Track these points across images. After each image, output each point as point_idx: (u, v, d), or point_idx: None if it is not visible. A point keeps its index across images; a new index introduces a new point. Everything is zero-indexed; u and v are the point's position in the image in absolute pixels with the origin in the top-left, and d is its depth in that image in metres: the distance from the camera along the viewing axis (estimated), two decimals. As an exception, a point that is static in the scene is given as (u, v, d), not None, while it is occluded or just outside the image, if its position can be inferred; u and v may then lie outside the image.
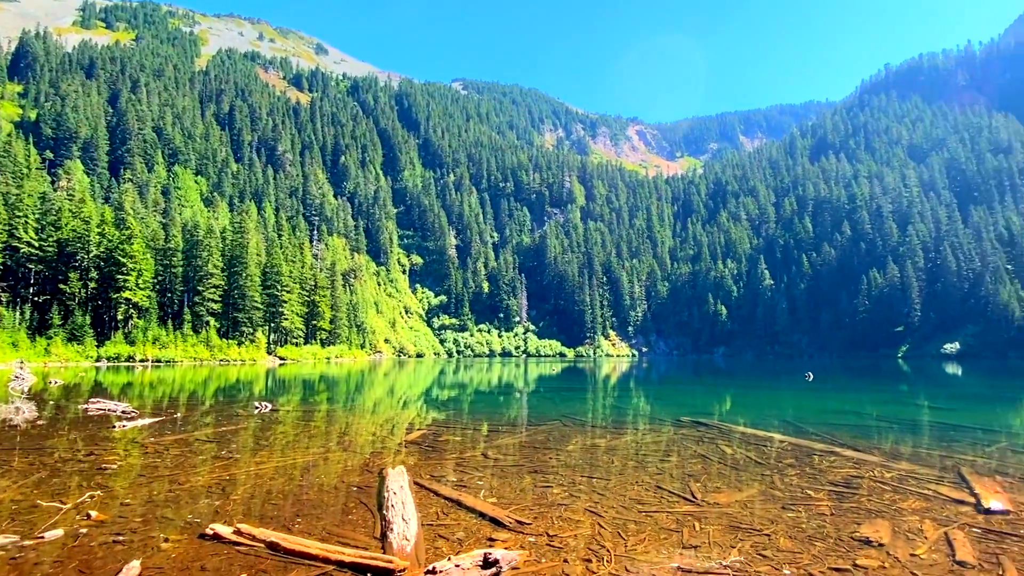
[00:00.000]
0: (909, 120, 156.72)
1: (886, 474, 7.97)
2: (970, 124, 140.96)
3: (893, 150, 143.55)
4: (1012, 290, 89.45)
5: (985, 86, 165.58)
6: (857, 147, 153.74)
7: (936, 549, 4.91)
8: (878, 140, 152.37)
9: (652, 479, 7.68)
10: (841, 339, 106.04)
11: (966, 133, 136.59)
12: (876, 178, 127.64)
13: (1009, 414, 18.08)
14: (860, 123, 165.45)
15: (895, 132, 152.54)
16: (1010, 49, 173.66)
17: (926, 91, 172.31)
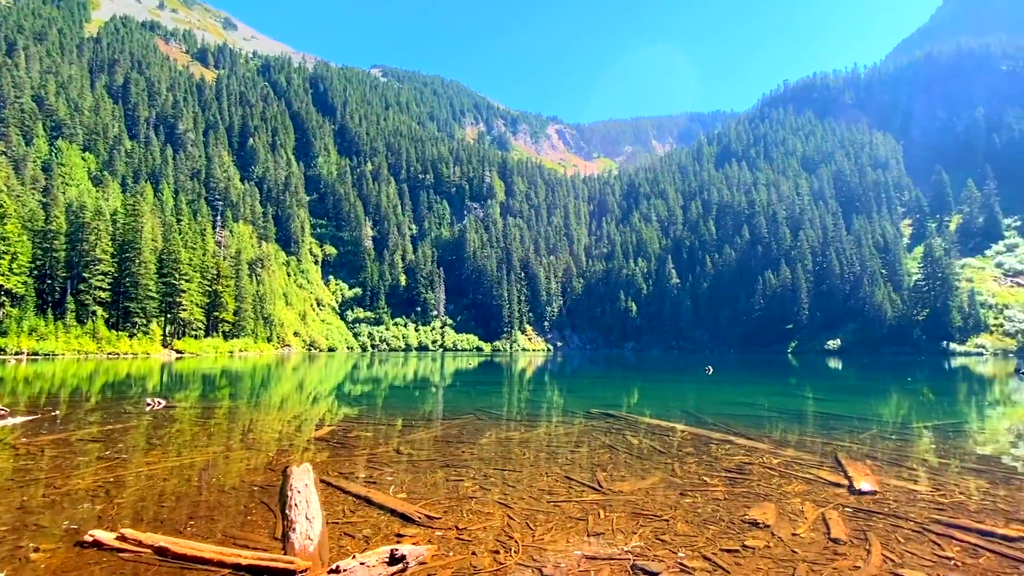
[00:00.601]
0: (803, 133, 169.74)
1: (774, 460, 8.63)
2: (854, 140, 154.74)
3: (788, 160, 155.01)
4: (885, 292, 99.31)
5: (868, 106, 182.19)
6: (757, 156, 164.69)
7: (814, 528, 5.38)
8: (776, 150, 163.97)
9: (562, 470, 7.89)
10: (739, 335, 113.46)
11: (851, 148, 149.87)
12: (773, 186, 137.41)
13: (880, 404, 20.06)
14: (761, 134, 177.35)
15: (791, 144, 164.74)
16: (889, 74, 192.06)
17: (818, 107, 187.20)
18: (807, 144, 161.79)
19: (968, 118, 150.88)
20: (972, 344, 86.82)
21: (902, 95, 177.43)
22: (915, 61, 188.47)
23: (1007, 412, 18.36)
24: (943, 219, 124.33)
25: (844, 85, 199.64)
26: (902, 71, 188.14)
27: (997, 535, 5.07)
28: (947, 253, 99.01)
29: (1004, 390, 26.55)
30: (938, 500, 6.36)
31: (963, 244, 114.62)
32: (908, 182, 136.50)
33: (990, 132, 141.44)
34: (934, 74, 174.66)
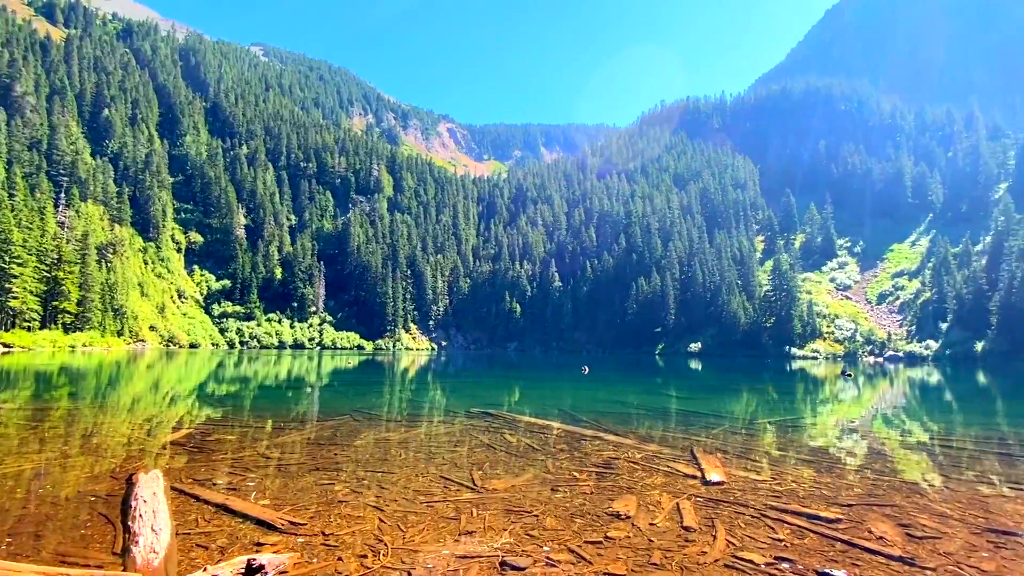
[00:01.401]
0: (676, 152, 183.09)
1: (638, 455, 9.19)
2: (719, 161, 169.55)
3: (662, 176, 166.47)
4: (740, 301, 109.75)
5: (732, 131, 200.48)
6: (635, 170, 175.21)
7: (669, 517, 5.79)
8: (652, 166, 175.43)
9: (438, 470, 7.85)
10: (614, 337, 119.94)
11: (716, 168, 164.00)
12: (648, 199, 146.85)
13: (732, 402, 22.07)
14: (639, 149, 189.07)
15: (665, 160, 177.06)
16: (751, 104, 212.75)
17: (690, 129, 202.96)
18: (679, 162, 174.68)
19: (813, 149, 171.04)
20: (809, 349, 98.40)
21: (761, 124, 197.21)
22: (772, 94, 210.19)
23: (834, 409, 20.98)
24: (790, 237, 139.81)
25: (712, 110, 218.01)
26: (761, 102, 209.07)
27: (820, 518, 5.77)
28: (792, 268, 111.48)
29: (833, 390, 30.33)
30: (775, 488, 7.12)
31: (805, 260, 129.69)
32: (762, 202, 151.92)
33: (830, 162, 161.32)
34: (787, 107, 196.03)
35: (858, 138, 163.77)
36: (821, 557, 4.72)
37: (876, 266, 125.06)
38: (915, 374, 47.14)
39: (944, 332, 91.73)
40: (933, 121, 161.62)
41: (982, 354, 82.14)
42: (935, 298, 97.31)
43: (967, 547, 5.03)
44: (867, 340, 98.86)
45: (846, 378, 39.57)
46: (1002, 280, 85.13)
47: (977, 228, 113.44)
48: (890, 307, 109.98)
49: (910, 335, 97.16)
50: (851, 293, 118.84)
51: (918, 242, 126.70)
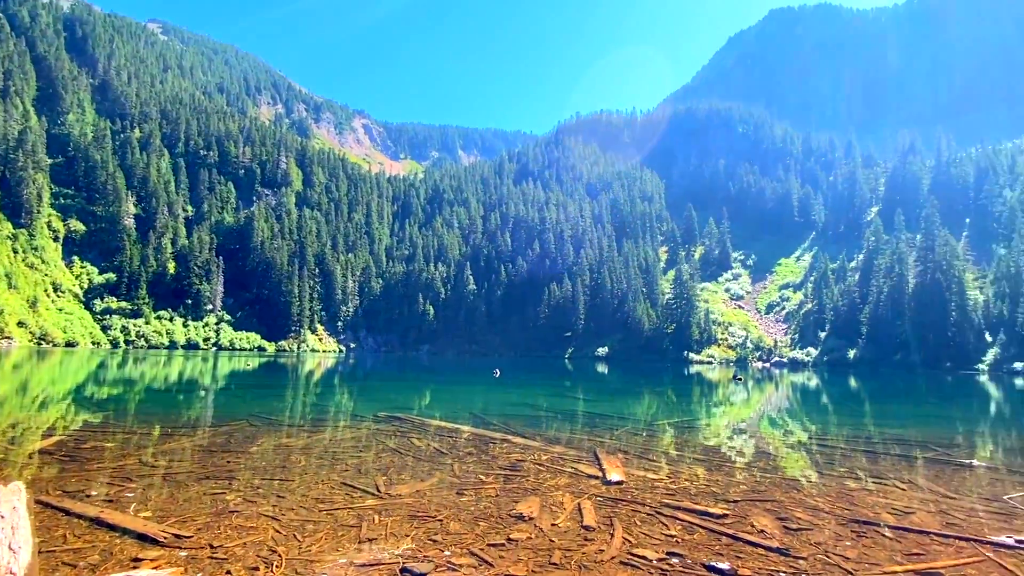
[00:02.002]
0: (589, 162, 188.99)
1: (543, 457, 9.37)
2: (629, 174, 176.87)
3: (576, 185, 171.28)
4: (645, 308, 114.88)
5: (642, 146, 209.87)
6: (551, 178, 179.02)
7: (571, 517, 5.94)
8: (566, 174, 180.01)
9: (341, 477, 7.61)
10: (526, 341, 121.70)
11: (626, 181, 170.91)
12: (562, 207, 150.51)
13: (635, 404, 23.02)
14: (555, 158, 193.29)
15: (579, 170, 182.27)
16: (659, 120, 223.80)
17: (603, 140, 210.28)
18: (592, 172, 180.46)
19: (713, 167, 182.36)
20: (705, 354, 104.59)
21: (668, 140, 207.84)
22: (679, 113, 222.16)
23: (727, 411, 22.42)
24: (691, 249, 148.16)
25: (623, 125, 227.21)
26: (669, 120, 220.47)
27: (709, 514, 6.14)
28: (692, 278, 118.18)
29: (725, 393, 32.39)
30: (670, 487, 7.50)
31: (704, 271, 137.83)
32: (667, 215, 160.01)
33: (728, 180, 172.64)
34: (692, 127, 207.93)
35: (753, 159, 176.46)
36: (708, 551, 5.02)
37: (766, 278, 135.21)
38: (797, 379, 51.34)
39: (823, 340, 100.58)
40: (818, 147, 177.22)
41: (854, 361, 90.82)
42: (815, 309, 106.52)
43: (835, 537, 5.54)
44: (756, 347, 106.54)
45: (737, 382, 42.43)
46: (871, 294, 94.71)
47: (852, 247, 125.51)
48: (777, 316, 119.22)
49: (794, 343, 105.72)
50: (743, 303, 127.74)
51: (802, 257, 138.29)
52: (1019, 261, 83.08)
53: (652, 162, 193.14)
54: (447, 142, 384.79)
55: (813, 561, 4.84)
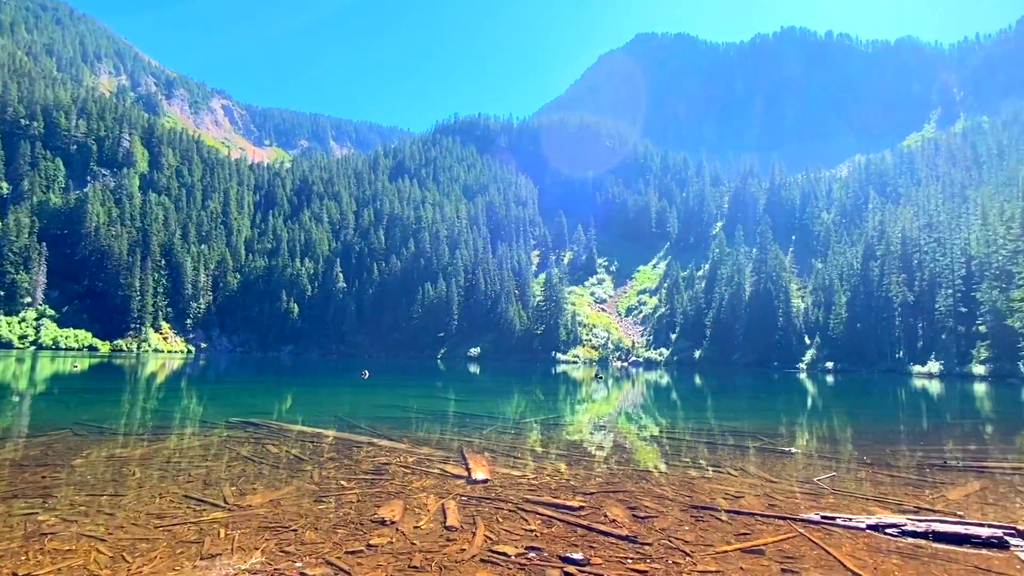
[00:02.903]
0: (466, 164, 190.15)
1: (410, 459, 9.23)
2: (505, 178, 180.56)
3: (452, 186, 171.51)
4: (516, 309, 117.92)
5: (517, 151, 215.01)
6: (427, 177, 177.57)
7: (434, 519, 5.90)
8: (443, 175, 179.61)
9: (181, 489, 6.92)
10: (399, 341, 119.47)
11: (502, 184, 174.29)
12: (438, 206, 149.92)
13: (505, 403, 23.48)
14: (432, 157, 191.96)
15: (456, 171, 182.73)
16: (534, 129, 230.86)
17: (480, 144, 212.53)
18: (469, 174, 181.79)
19: (583, 176, 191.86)
20: (571, 354, 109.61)
21: (542, 148, 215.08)
22: (553, 123, 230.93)
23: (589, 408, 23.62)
24: (560, 253, 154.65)
25: (501, 130, 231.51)
26: (543, 129, 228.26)
27: (567, 507, 6.41)
28: (561, 281, 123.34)
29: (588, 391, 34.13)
30: (532, 482, 7.73)
31: (572, 275, 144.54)
32: (540, 220, 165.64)
33: (595, 190, 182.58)
34: (564, 137, 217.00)
35: (618, 172, 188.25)
36: (564, 543, 5.23)
37: (627, 284, 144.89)
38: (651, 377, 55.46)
39: (674, 341, 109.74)
40: (674, 165, 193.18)
41: (699, 360, 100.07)
42: (668, 313, 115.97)
43: (676, 522, 6.03)
44: (617, 347, 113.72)
45: (598, 380, 44.93)
46: (715, 300, 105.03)
47: (701, 257, 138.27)
48: (635, 319, 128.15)
49: (649, 343, 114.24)
50: (606, 306, 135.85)
51: (658, 265, 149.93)
52: (832, 275, 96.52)
53: (527, 168, 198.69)
54: (318, 131, 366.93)
55: (657, 546, 5.23)
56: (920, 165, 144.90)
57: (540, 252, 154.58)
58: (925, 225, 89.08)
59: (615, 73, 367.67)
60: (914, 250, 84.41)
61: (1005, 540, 5.38)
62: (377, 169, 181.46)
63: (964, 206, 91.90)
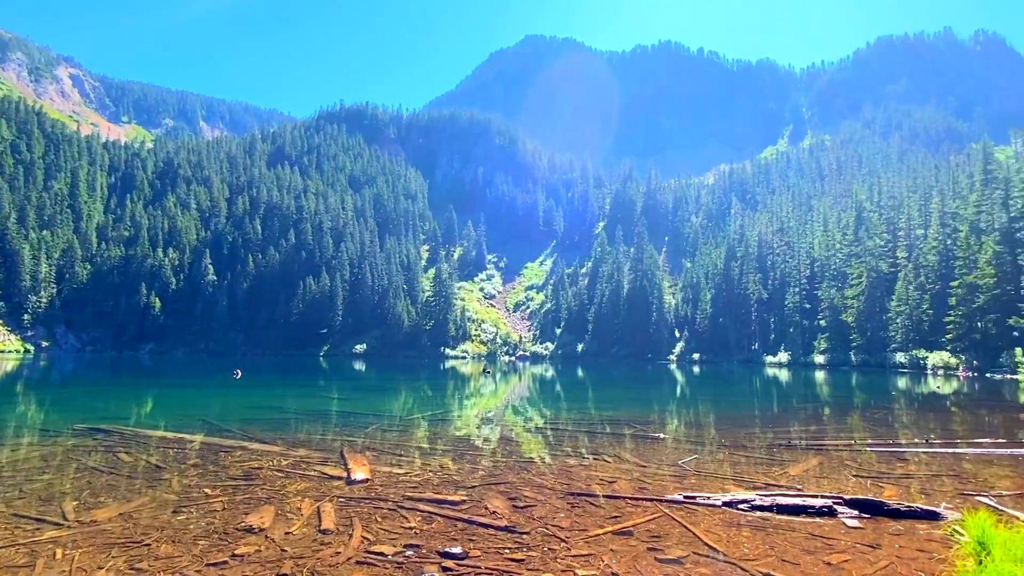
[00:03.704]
0: (353, 154, 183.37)
1: (284, 462, 8.76)
2: (394, 171, 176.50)
3: (338, 176, 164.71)
4: (405, 305, 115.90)
5: (407, 144, 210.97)
6: (310, 165, 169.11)
7: (308, 523, 5.64)
8: (328, 164, 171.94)
9: (10, 507, 6.07)
10: (276, 338, 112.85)
11: (391, 177, 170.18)
12: (322, 196, 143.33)
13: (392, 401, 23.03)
14: (315, 144, 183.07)
15: (341, 160, 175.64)
16: (424, 122, 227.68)
17: (368, 133, 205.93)
18: (355, 164, 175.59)
19: (474, 173, 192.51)
20: (460, 350, 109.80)
21: (432, 142, 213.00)
22: (444, 117, 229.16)
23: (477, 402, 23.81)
24: (450, 249, 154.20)
25: (390, 120, 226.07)
26: (434, 122, 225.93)
27: (448, 502, 6.41)
28: (450, 277, 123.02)
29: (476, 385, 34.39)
30: (414, 479, 7.64)
31: (462, 270, 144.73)
32: (429, 215, 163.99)
33: (486, 187, 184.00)
34: (455, 132, 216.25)
35: (509, 170, 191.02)
36: (444, 538, 5.23)
37: (515, 280, 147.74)
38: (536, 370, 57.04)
39: (558, 336, 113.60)
40: (561, 166, 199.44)
41: (581, 353, 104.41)
42: (553, 309, 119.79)
43: (554, 510, 6.25)
44: (505, 342, 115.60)
45: (486, 375, 45.44)
46: (597, 296, 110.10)
47: (584, 255, 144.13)
48: (523, 314, 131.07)
49: (535, 338, 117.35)
50: (495, 301, 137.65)
51: (545, 262, 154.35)
52: (699, 273, 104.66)
53: (417, 161, 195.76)
54: (186, 110, 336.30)
55: (535, 534, 5.38)
56: (775, 176, 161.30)
57: (430, 247, 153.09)
58: (778, 230, 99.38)
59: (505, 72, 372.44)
60: (768, 252, 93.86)
61: (834, 509, 6.14)
62: (254, 154, 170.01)
63: (809, 214, 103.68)
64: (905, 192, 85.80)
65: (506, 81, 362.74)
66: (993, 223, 49.78)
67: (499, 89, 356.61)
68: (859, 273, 67.10)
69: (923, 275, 57.30)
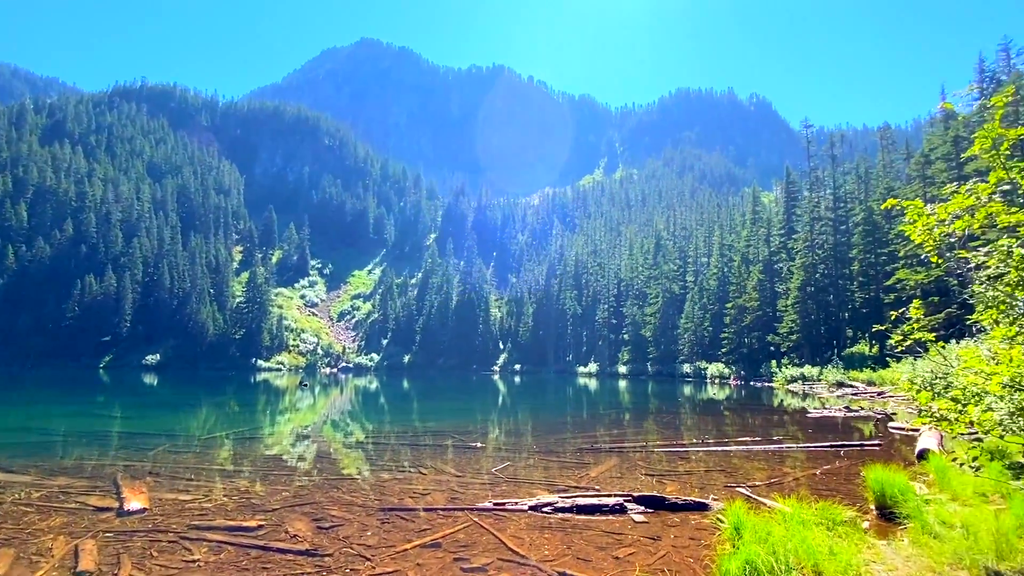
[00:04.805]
0: (155, 138, 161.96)
1: (35, 494, 7.30)
2: (205, 162, 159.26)
3: (134, 161, 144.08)
4: (211, 311, 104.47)
5: (222, 134, 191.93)
6: (98, 146, 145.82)
7: (60, 566, 4.74)
8: (121, 147, 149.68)
9: None
10: (42, 347, 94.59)
11: (200, 168, 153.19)
12: (112, 183, 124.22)
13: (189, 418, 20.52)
14: (107, 123, 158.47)
15: (140, 144, 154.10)
16: (244, 112, 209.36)
17: (174, 118, 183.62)
18: (157, 151, 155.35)
19: (299, 172, 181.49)
20: (275, 361, 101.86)
21: (252, 135, 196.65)
22: (267, 110, 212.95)
23: (292, 418, 22.20)
24: (268, 252, 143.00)
25: (203, 106, 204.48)
26: (256, 114, 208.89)
27: (242, 528, 5.82)
28: (267, 281, 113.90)
29: (292, 400, 32.15)
30: (204, 506, 6.83)
31: (280, 276, 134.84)
32: (245, 213, 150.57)
33: (311, 189, 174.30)
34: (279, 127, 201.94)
35: (338, 173, 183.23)
36: (233, 569, 4.73)
37: (340, 288, 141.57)
38: (360, 382, 55.12)
39: (385, 347, 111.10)
40: (394, 174, 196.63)
41: (408, 365, 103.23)
42: (381, 319, 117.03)
43: (361, 528, 5.99)
44: (327, 353, 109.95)
45: (303, 388, 42.78)
46: (426, 307, 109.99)
47: (415, 265, 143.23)
48: (347, 324, 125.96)
49: (360, 349, 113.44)
50: (317, 310, 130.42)
51: (373, 271, 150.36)
52: (523, 289, 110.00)
53: (233, 154, 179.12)
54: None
55: (338, 555, 5.10)
56: (591, 202, 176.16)
57: (244, 248, 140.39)
58: (592, 252, 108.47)
59: (338, 72, 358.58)
60: (583, 271, 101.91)
61: (624, 506, 6.73)
62: (22, 126, 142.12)
63: (618, 239, 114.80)
64: (694, 224, 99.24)
65: (338, 81, 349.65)
66: (759, 255, 59.50)
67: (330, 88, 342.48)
68: (656, 293, 75.69)
69: (706, 297, 66.38)
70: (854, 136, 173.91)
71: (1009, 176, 4.39)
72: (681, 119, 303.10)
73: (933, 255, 4.90)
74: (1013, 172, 4.38)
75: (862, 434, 14.61)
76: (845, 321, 47.25)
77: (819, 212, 49.87)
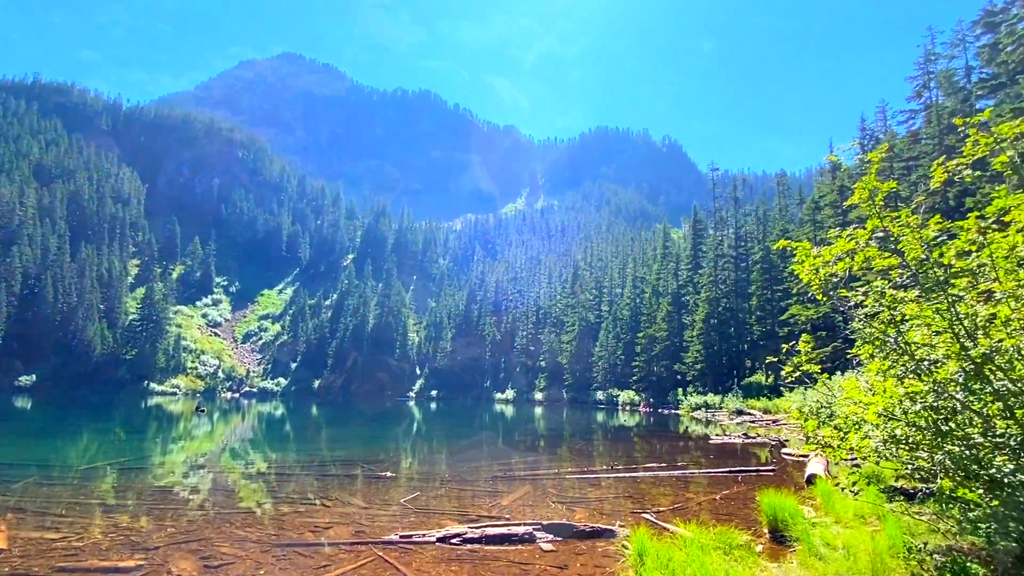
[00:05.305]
0: (45, 139, 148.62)
1: None
2: (102, 168, 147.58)
3: (19, 162, 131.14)
4: (99, 328, 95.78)
5: (124, 140, 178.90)
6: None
7: None
8: (6, 147, 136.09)
9: None
10: None
11: (96, 174, 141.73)
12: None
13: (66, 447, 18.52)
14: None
15: (27, 144, 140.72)
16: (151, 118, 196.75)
17: (71, 119, 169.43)
18: (47, 153, 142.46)
19: (207, 184, 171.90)
20: (169, 384, 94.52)
21: (157, 143, 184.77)
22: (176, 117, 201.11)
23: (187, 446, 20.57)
24: (168, 266, 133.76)
25: (104, 110, 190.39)
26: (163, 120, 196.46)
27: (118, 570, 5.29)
28: (166, 299, 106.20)
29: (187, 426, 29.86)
30: (74, 545, 6.15)
31: (181, 293, 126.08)
32: (145, 225, 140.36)
33: (220, 203, 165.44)
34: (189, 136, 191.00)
35: (251, 187, 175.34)
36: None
37: (247, 307, 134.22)
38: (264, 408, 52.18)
39: (294, 371, 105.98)
40: (312, 191, 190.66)
41: (318, 390, 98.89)
42: (291, 341, 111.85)
43: (255, 566, 5.60)
44: (228, 376, 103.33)
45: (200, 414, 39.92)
46: (340, 330, 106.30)
47: (330, 286, 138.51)
48: (253, 346, 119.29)
49: (266, 372, 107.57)
50: (221, 330, 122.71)
51: (285, 291, 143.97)
52: (442, 313, 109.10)
53: (135, 162, 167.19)
54: None
55: (228, 596, 4.73)
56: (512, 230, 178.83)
57: (142, 262, 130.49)
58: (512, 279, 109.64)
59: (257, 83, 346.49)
60: (503, 298, 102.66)
61: (534, 535, 6.72)
62: None
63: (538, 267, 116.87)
64: (610, 256, 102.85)
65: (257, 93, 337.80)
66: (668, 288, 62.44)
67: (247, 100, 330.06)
68: (573, 322, 77.42)
69: (619, 326, 68.64)
70: (755, 180, 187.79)
71: (883, 224, 4.87)
72: (600, 155, 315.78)
73: (818, 293, 5.32)
74: (886, 221, 4.87)
75: (759, 460, 15.46)
76: (745, 352, 50.29)
77: (723, 250, 53.22)
